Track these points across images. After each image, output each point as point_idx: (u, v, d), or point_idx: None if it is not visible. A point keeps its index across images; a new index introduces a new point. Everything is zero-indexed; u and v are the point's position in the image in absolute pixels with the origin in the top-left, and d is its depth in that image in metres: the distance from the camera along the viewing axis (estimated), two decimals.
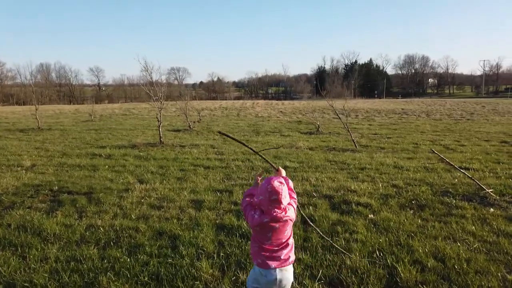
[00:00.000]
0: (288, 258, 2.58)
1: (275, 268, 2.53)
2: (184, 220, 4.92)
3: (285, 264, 2.56)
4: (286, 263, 2.57)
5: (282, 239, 2.57)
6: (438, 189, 6.61)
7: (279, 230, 2.53)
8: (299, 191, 6.43)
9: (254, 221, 2.52)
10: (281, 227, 2.53)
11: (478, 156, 10.69)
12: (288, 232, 2.60)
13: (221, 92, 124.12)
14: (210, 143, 13.57)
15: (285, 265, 2.56)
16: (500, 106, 38.42)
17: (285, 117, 28.50)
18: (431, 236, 4.26)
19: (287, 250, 2.58)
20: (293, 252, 2.65)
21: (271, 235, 2.53)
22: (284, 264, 2.56)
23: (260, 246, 2.56)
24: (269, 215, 2.48)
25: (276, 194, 2.45)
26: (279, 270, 2.54)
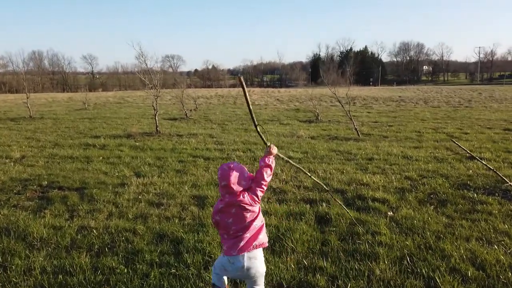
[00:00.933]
0: (252, 241, 2.50)
1: (242, 255, 2.48)
2: (187, 219, 4.45)
3: (250, 248, 2.49)
4: (251, 247, 2.49)
5: (244, 224, 2.50)
6: (455, 182, 6.21)
7: (238, 217, 2.48)
8: (308, 185, 6.00)
9: (214, 210, 2.56)
10: (239, 212, 2.47)
11: (486, 144, 10.33)
12: (250, 217, 2.51)
13: (216, 80, 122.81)
14: (208, 132, 13.08)
15: (251, 249, 2.49)
16: (496, 93, 38.20)
17: (282, 105, 28.01)
18: (462, 237, 3.86)
19: (250, 233, 2.50)
20: (261, 235, 2.55)
21: (232, 221, 2.49)
22: (250, 249, 2.48)
23: (226, 232, 2.53)
24: (222, 201, 2.50)
25: (224, 180, 2.45)
26: (247, 258, 2.49)
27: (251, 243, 2.50)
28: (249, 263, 2.50)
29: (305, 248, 3.64)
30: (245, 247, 2.48)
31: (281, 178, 6.50)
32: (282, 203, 5.08)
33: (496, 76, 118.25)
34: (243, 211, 2.48)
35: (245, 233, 2.50)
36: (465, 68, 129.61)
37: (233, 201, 2.47)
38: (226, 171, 2.46)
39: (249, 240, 2.50)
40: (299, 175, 6.74)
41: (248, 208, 2.48)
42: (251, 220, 2.51)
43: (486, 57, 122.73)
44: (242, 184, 2.48)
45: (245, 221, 2.50)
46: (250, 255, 2.50)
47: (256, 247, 2.53)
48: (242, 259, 2.49)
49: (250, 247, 2.50)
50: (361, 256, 3.46)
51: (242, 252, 2.48)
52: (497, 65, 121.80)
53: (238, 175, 2.46)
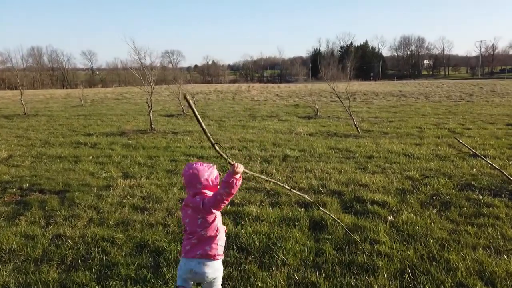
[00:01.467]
0: (197, 249, 2.42)
1: (189, 258, 2.44)
2: (172, 226, 4.14)
3: (194, 256, 2.42)
4: (195, 254, 2.42)
5: (195, 228, 2.42)
6: (459, 182, 5.90)
7: (191, 218, 2.44)
8: (304, 186, 5.69)
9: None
10: (192, 215, 2.42)
11: (489, 141, 10.01)
12: (201, 223, 2.41)
13: (216, 76, 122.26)
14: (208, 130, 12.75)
15: (195, 256, 2.42)
16: (498, 87, 37.77)
17: (281, 101, 27.67)
18: (468, 246, 3.55)
19: (197, 240, 2.43)
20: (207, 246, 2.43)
21: (188, 221, 2.47)
22: (194, 256, 2.42)
23: (185, 232, 2.51)
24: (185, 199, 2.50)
25: (183, 177, 2.48)
26: (195, 262, 2.42)
27: (196, 251, 2.43)
28: (195, 265, 2.43)
29: (297, 260, 3.34)
30: (190, 252, 2.44)
31: (276, 178, 6.19)
32: (275, 206, 4.77)
33: (497, 70, 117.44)
34: (196, 214, 2.41)
35: (193, 239, 2.44)
36: (466, 62, 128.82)
37: (188, 202, 2.44)
38: (186, 171, 2.45)
39: (196, 246, 2.43)
40: (294, 175, 6.44)
41: (198, 212, 2.40)
42: (200, 227, 2.42)
43: (487, 51, 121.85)
44: (197, 187, 2.41)
45: (196, 226, 2.42)
46: (198, 260, 2.43)
47: (200, 256, 2.42)
48: (187, 262, 2.45)
49: (194, 254, 2.42)
50: (358, 269, 3.15)
51: (188, 256, 2.45)
52: (498, 59, 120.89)
53: (195, 176, 2.41)
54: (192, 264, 2.41)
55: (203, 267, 2.41)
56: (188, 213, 2.44)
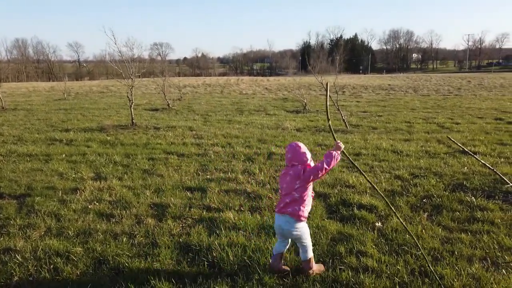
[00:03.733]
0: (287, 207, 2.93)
1: (278, 214, 2.99)
2: (138, 237, 3.74)
3: (284, 211, 2.93)
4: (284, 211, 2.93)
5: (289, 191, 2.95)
6: (450, 182, 5.61)
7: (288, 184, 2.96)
8: None
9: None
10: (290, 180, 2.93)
11: (479, 136, 9.79)
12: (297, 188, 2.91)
13: (206, 68, 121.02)
14: (189, 125, 12.31)
15: (284, 212, 2.93)
16: (485, 81, 37.92)
17: (270, 94, 27.26)
18: (463, 258, 3.23)
19: (289, 199, 2.93)
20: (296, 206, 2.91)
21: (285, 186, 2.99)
22: (283, 212, 2.93)
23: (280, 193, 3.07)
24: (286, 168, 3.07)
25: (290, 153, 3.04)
26: (282, 218, 2.94)
27: (287, 208, 2.93)
28: (282, 222, 2.95)
29: (275, 278, 2.97)
30: (282, 208, 2.95)
31: (258, 179, 5.82)
32: (255, 212, 4.40)
33: (485, 63, 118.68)
34: (295, 180, 2.91)
35: (286, 198, 2.95)
36: (454, 55, 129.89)
37: (288, 170, 2.97)
38: (293, 147, 3.01)
39: (288, 205, 2.93)
40: (278, 175, 6.07)
41: (297, 179, 2.90)
42: (297, 190, 2.92)
43: (475, 44, 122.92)
44: (298, 161, 2.95)
45: (292, 189, 2.92)
46: (284, 217, 2.94)
47: (289, 213, 2.93)
48: (278, 218, 2.98)
49: (285, 210, 2.93)
50: None
51: (280, 211, 2.97)
52: (485, 52, 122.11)
53: (300, 152, 2.97)
54: (281, 220, 2.96)
55: (289, 225, 2.93)
56: (286, 179, 2.98)
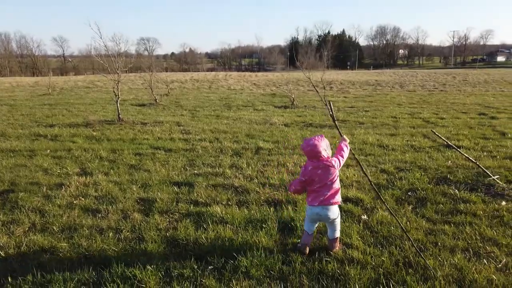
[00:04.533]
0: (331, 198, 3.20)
1: (320, 206, 3.19)
2: (124, 232, 3.71)
3: (328, 203, 3.19)
4: (328, 203, 3.19)
5: (325, 183, 3.18)
6: (434, 175, 5.71)
7: (321, 176, 3.16)
8: (275, 182, 5.35)
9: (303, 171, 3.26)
10: (323, 173, 3.16)
11: (463, 131, 9.97)
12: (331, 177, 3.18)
13: (194, 64, 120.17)
14: (176, 120, 12.23)
15: (328, 204, 3.19)
16: (470, 77, 38.57)
17: (258, 90, 27.25)
18: (446, 249, 3.30)
19: (329, 191, 3.19)
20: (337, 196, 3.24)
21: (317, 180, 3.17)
22: (327, 204, 3.19)
23: (311, 188, 3.22)
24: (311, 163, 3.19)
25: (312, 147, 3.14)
26: (325, 209, 3.19)
27: (330, 199, 3.18)
28: (330, 212, 3.20)
29: (262, 270, 2.99)
30: (324, 201, 3.17)
31: (246, 174, 5.83)
32: (242, 206, 4.41)
33: (469, 60, 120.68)
34: (326, 172, 3.14)
35: (326, 191, 3.16)
36: (439, 52, 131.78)
37: (318, 165, 3.13)
38: (306, 146, 3.14)
39: (328, 197, 3.18)
40: (266, 169, 6.09)
41: (331, 168, 3.15)
42: (331, 181, 3.18)
43: (460, 41, 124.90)
44: (318, 156, 3.12)
45: (327, 179, 3.15)
46: (327, 207, 3.19)
47: (332, 203, 3.20)
48: (323, 208, 3.18)
49: (328, 202, 3.18)
50: (328, 281, 2.84)
51: (321, 204, 3.18)
52: (470, 49, 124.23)
53: (323, 144, 3.15)
54: (327, 210, 3.19)
55: (327, 211, 3.18)
56: (318, 173, 3.15)
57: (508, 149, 7.59)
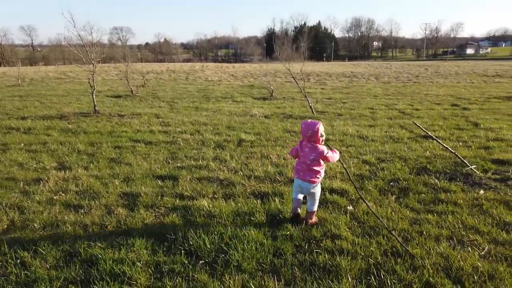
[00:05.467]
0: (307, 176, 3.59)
1: (298, 179, 3.64)
2: (109, 228, 3.61)
3: (305, 179, 3.60)
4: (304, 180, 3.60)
5: (307, 161, 3.56)
6: (414, 165, 5.85)
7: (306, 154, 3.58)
8: (260, 174, 5.33)
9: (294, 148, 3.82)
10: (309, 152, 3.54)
11: (438, 122, 10.27)
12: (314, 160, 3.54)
13: (169, 54, 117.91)
14: (155, 112, 11.99)
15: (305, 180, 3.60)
16: (441, 68, 39.70)
17: (236, 81, 27.08)
18: (431, 238, 3.39)
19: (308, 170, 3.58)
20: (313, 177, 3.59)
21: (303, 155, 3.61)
22: (304, 179, 3.60)
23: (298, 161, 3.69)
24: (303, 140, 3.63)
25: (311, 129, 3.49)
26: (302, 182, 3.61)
27: (306, 177, 3.58)
28: (304, 186, 3.61)
29: (254, 263, 2.98)
30: (300, 175, 3.62)
31: (230, 166, 5.79)
32: (229, 199, 4.38)
33: (440, 52, 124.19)
34: (311, 152, 3.52)
35: (305, 168, 3.58)
36: (412, 44, 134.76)
37: (307, 144, 3.54)
38: (313, 124, 3.50)
39: (305, 174, 3.58)
40: (250, 162, 6.07)
41: (314, 152, 3.51)
42: (311, 162, 3.54)
43: (432, 33, 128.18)
44: (313, 138, 3.49)
45: (308, 159, 3.55)
46: (303, 182, 3.61)
47: (309, 181, 3.59)
48: (300, 181, 3.62)
49: (304, 178, 3.59)
50: (320, 272, 2.86)
51: (299, 178, 3.62)
52: (441, 41, 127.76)
53: (318, 132, 3.48)
54: (302, 184, 3.61)
55: (304, 185, 3.61)
56: (305, 150, 3.57)
57: (481, 139, 7.87)
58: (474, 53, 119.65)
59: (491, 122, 9.95)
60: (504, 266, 2.90)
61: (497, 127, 9.28)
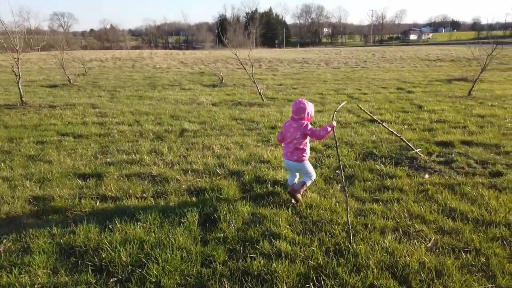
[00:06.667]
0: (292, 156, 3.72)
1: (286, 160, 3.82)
2: (6, 243, 2.98)
3: (291, 159, 3.74)
4: (291, 159, 3.74)
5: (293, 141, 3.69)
6: (361, 151, 5.67)
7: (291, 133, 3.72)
8: (198, 167, 4.86)
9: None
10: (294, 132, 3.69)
11: (384, 105, 10.33)
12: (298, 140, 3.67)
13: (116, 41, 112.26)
14: (92, 102, 11.04)
15: (291, 160, 3.74)
16: (387, 54, 41.07)
17: (186, 68, 26.14)
18: (376, 230, 3.13)
19: (293, 149, 3.70)
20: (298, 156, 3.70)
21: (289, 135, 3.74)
22: (290, 159, 3.74)
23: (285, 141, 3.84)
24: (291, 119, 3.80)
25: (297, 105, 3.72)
26: (290, 162, 3.78)
27: (292, 156, 3.69)
28: (292, 164, 3.74)
29: (176, 277, 2.53)
30: (288, 156, 3.73)
31: (167, 159, 5.25)
32: (159, 198, 3.87)
33: (386, 38, 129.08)
34: (297, 131, 3.62)
35: (291, 148, 3.69)
36: (360, 30, 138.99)
37: (293, 123, 3.65)
38: (298, 104, 3.67)
39: (291, 153, 3.69)
40: (190, 153, 5.57)
41: (299, 131, 3.61)
42: (297, 141, 3.64)
43: (378, 20, 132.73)
44: (301, 115, 3.63)
45: (293, 138, 3.64)
46: (290, 162, 3.74)
47: (294, 160, 3.70)
48: (288, 161, 3.76)
49: (290, 157, 3.72)
50: (253, 282, 2.47)
51: (286, 158, 3.76)
52: (386, 28, 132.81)
53: (304, 109, 3.63)
54: (289, 163, 3.74)
55: (296, 167, 3.74)
56: (290, 130, 3.65)
57: (425, 121, 7.94)
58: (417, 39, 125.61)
59: (434, 104, 10.16)
60: (452, 259, 2.69)
61: (440, 109, 9.47)
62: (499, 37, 71.82)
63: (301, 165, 3.71)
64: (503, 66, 26.08)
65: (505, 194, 3.84)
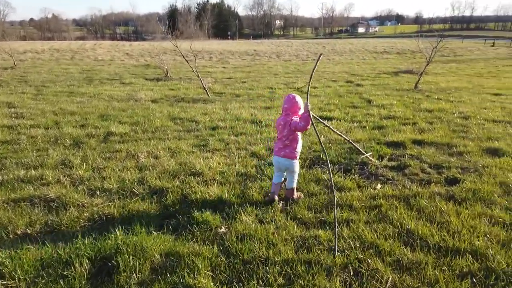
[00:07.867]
0: (281, 152, 3.63)
1: (275, 156, 3.70)
2: None
3: (279, 155, 3.64)
4: (279, 155, 3.64)
5: (282, 137, 3.62)
6: (308, 155, 5.08)
7: (281, 130, 3.62)
8: (111, 186, 3.95)
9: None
10: (283, 128, 3.59)
11: (333, 100, 9.92)
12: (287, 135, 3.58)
13: (59, 32, 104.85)
14: (10, 100, 9.60)
15: (279, 156, 3.64)
16: (337, 46, 41.61)
17: (131, 60, 24.57)
18: (321, 273, 2.47)
19: (282, 145, 3.62)
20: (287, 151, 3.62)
21: (279, 131, 3.67)
22: (279, 155, 3.64)
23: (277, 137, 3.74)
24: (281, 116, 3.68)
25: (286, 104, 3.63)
26: (278, 158, 3.66)
27: (281, 152, 3.65)
28: (280, 161, 3.65)
29: None
30: (277, 152, 3.69)
31: (75, 175, 4.29)
32: (48, 234, 2.96)
33: (336, 31, 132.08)
34: (284, 128, 3.58)
35: (280, 144, 3.66)
36: (311, 23, 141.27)
37: (281, 119, 3.61)
38: (291, 98, 3.61)
39: (280, 149, 3.65)
40: (107, 165, 4.63)
41: (286, 127, 3.56)
42: (286, 138, 3.60)
43: (328, 13, 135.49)
44: (292, 110, 3.59)
45: (282, 134, 3.62)
46: (279, 158, 3.66)
47: (284, 156, 3.64)
48: (277, 158, 3.68)
49: (279, 154, 3.66)
50: None
51: (276, 154, 3.69)
52: (336, 21, 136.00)
53: (296, 104, 3.59)
54: (279, 160, 3.66)
55: (280, 161, 3.66)
56: (279, 127, 3.66)
57: (375, 118, 7.55)
58: (365, 32, 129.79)
59: (383, 98, 9.89)
60: None
61: (388, 103, 9.19)
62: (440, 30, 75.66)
63: (290, 162, 3.61)
64: (444, 58, 27.15)
65: (465, 208, 3.36)
